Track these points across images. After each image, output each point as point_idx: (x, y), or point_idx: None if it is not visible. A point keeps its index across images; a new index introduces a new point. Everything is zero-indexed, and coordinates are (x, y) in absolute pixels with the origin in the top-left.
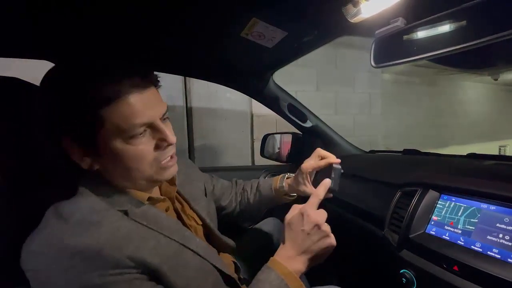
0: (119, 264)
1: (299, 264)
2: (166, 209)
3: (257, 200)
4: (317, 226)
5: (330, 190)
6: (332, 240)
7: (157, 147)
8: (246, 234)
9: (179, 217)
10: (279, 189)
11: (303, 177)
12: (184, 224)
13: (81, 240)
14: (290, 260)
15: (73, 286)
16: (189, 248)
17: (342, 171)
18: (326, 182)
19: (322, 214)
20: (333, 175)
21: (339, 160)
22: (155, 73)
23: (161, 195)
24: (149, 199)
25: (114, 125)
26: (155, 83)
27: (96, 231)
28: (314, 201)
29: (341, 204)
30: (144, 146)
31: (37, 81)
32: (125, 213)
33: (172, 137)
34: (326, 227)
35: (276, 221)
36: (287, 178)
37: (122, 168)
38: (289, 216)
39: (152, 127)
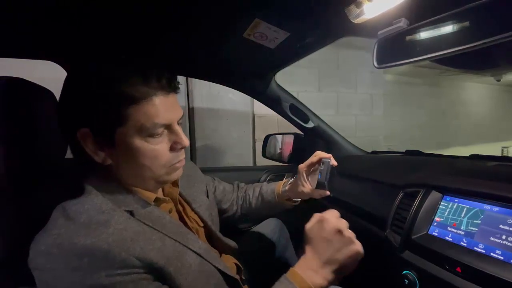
0: (127, 264)
1: (320, 278)
2: (169, 210)
3: (259, 205)
4: (339, 232)
5: (320, 185)
6: (358, 246)
7: (171, 149)
8: (248, 235)
9: (182, 219)
10: (282, 193)
11: (300, 177)
12: (186, 225)
13: (89, 240)
14: (311, 273)
15: (80, 285)
16: (192, 250)
17: (332, 164)
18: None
19: (344, 221)
20: (321, 167)
21: (329, 155)
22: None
23: (164, 196)
24: (156, 199)
25: (137, 123)
26: (176, 89)
27: (104, 231)
28: (332, 211)
29: (342, 205)
30: (160, 146)
31: (41, 82)
32: (131, 213)
33: (186, 140)
34: (350, 233)
35: (277, 222)
36: (289, 184)
37: (135, 165)
38: (309, 225)
39: (169, 129)
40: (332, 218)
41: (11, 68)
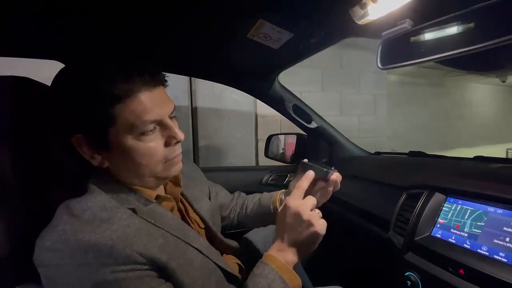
0: (131, 260)
1: (290, 255)
2: (171, 208)
3: (255, 209)
4: (298, 216)
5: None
6: (317, 227)
7: (166, 144)
8: (249, 235)
9: (183, 219)
10: (280, 200)
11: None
12: (188, 225)
13: (94, 236)
14: (281, 253)
15: (86, 282)
16: (193, 247)
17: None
18: (310, 174)
19: (305, 203)
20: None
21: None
22: (163, 73)
23: (166, 194)
24: (157, 197)
25: (125, 122)
26: (163, 82)
27: (108, 228)
28: (295, 192)
29: (345, 206)
30: (154, 143)
31: (47, 81)
32: (134, 211)
33: (180, 134)
34: (309, 216)
35: None
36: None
37: (132, 164)
38: (278, 213)
39: (161, 125)
40: (293, 202)
41: (18, 68)
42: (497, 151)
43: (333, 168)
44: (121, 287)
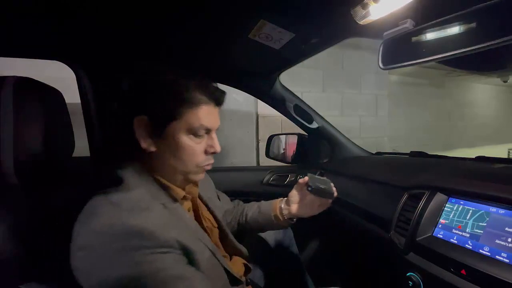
0: (168, 243)
1: None
2: (188, 209)
3: (255, 219)
4: None
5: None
6: None
7: (205, 152)
8: (253, 236)
9: (197, 217)
10: (279, 208)
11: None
12: (200, 225)
13: (137, 221)
14: None
15: (129, 263)
16: (207, 246)
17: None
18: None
19: None
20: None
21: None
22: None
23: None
24: (184, 197)
25: (187, 121)
26: (223, 103)
27: (148, 215)
28: None
29: (347, 206)
30: (199, 146)
31: (48, 81)
32: (164, 206)
33: (218, 147)
34: None
35: None
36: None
37: (174, 157)
38: None
39: (208, 134)
40: None
41: (20, 68)
42: (498, 151)
43: (325, 178)
44: (158, 267)
